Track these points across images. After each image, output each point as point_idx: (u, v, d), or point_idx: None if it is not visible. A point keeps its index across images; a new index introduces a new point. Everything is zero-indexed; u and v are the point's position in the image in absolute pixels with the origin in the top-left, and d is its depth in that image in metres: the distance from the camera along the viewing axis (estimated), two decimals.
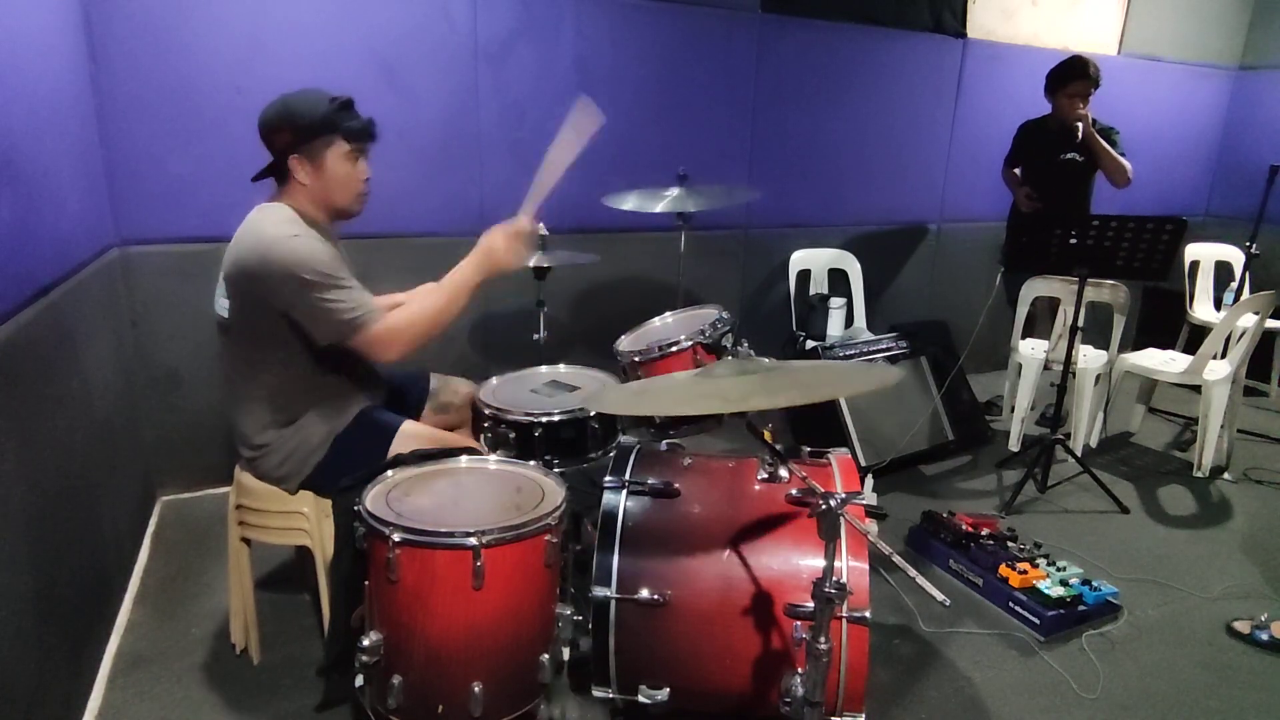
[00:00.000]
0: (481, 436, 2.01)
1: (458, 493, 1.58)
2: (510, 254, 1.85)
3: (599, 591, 1.59)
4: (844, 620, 1.49)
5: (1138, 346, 3.70)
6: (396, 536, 1.37)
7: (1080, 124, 3.31)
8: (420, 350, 1.77)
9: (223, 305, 1.75)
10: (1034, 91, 3.51)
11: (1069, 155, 3.44)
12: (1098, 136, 3.34)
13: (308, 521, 1.80)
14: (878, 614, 2.06)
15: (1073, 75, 3.35)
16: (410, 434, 1.84)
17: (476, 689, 1.39)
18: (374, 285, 1.82)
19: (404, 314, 1.76)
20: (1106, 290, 3.35)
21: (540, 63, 3.16)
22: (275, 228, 1.68)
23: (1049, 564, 2.38)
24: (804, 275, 3.91)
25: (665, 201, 2.82)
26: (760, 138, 3.73)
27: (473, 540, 1.36)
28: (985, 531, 2.52)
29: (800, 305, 3.86)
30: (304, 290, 1.63)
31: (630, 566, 1.60)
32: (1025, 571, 2.30)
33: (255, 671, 1.96)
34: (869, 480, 2.87)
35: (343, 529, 1.58)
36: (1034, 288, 3.45)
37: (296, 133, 1.72)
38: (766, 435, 1.64)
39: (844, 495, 1.28)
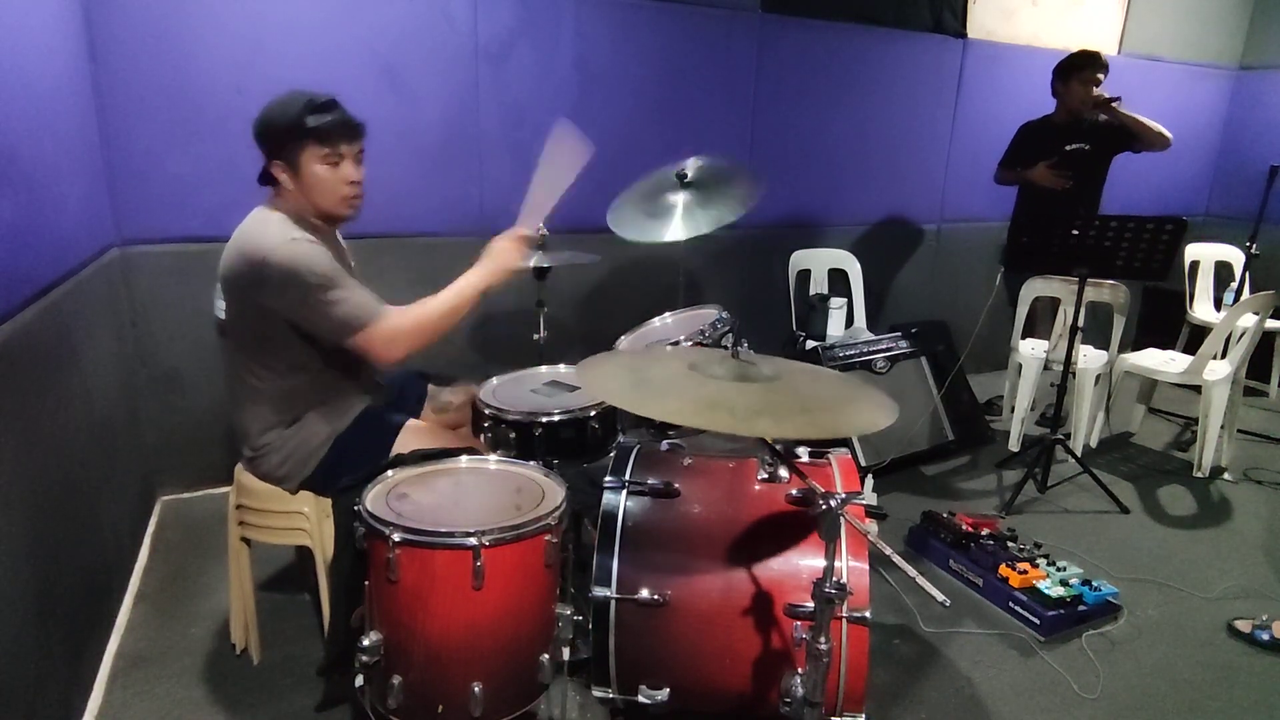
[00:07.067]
0: (482, 436, 2.01)
1: (458, 493, 1.57)
2: (514, 254, 1.89)
3: (599, 591, 1.59)
4: (844, 620, 1.49)
5: (1138, 346, 3.70)
6: (396, 536, 1.36)
7: (1108, 104, 3.28)
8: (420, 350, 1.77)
9: (220, 307, 1.75)
10: (1034, 91, 3.51)
11: (1076, 145, 3.42)
12: (1126, 111, 3.30)
13: (308, 521, 1.80)
14: (878, 614, 2.06)
15: (1086, 62, 3.36)
16: (413, 433, 1.84)
17: (476, 689, 1.39)
18: (374, 286, 1.82)
19: (408, 314, 1.74)
20: (1106, 290, 3.34)
21: (540, 63, 3.16)
22: (275, 231, 1.67)
23: (1049, 564, 2.38)
24: (804, 275, 3.91)
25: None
26: (760, 138, 3.73)
27: (473, 540, 1.35)
28: (985, 531, 2.52)
29: (800, 305, 3.86)
30: (307, 293, 1.63)
31: (630, 566, 1.60)
32: (1025, 571, 2.30)
33: (255, 671, 1.96)
34: (869, 480, 2.87)
35: (343, 529, 1.58)
36: (1034, 288, 3.45)
37: (269, 140, 1.69)
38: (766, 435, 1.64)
39: (844, 495, 1.28)
